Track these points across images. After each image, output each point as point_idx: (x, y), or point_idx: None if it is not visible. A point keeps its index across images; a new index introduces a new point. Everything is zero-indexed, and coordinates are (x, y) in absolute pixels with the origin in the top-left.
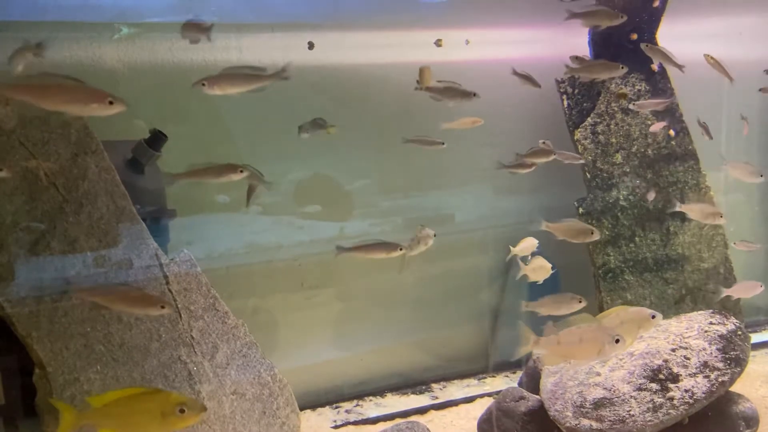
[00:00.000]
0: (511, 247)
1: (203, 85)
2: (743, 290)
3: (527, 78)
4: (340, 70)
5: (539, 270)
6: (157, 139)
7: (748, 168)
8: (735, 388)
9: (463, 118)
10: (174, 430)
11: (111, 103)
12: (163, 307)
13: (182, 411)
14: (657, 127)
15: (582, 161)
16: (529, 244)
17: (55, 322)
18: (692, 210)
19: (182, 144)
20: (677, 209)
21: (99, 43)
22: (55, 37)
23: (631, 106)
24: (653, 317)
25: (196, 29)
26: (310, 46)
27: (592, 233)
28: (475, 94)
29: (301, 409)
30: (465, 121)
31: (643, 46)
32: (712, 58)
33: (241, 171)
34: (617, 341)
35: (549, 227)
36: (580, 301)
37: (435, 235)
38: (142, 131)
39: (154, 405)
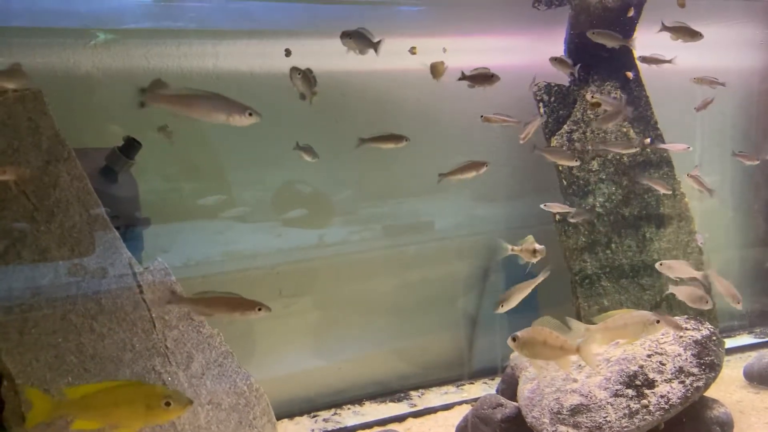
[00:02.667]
0: (513, 247)
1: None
2: (687, 296)
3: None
4: (318, 76)
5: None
6: (130, 147)
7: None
8: (710, 393)
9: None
10: (157, 424)
11: (250, 114)
12: (260, 309)
13: (168, 404)
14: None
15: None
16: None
17: (25, 334)
18: (681, 292)
19: (158, 151)
20: (667, 292)
21: (74, 49)
22: (29, 42)
23: (588, 97)
24: (657, 322)
25: (366, 42)
26: (287, 53)
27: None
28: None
29: (278, 418)
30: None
31: (589, 33)
32: (697, 79)
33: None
34: (658, 322)
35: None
36: None
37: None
38: (117, 138)
39: (139, 397)
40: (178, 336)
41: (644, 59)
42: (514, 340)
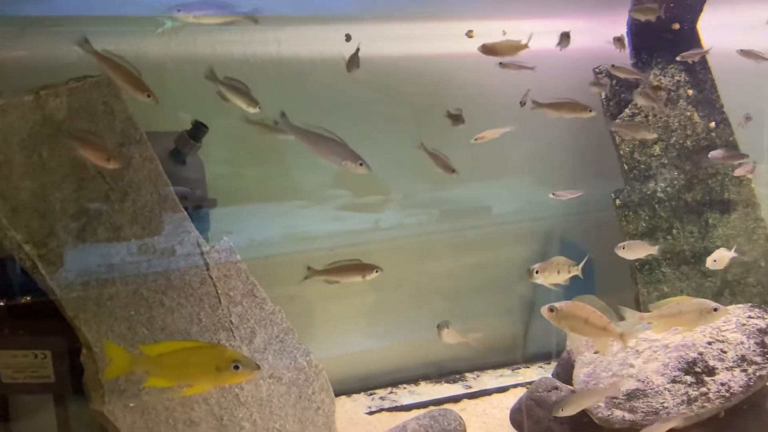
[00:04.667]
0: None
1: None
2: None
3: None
4: (377, 61)
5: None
6: (198, 131)
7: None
8: None
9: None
10: (225, 385)
11: (361, 164)
12: (376, 271)
13: (236, 367)
14: (744, 170)
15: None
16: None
17: (101, 306)
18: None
19: (222, 135)
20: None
21: (143, 36)
22: (103, 30)
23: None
24: (715, 310)
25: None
26: (348, 38)
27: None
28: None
29: (336, 395)
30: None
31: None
32: (742, 51)
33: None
34: (715, 310)
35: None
36: None
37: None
38: (185, 123)
39: (210, 359)
40: (242, 312)
41: (744, 53)
42: (551, 310)
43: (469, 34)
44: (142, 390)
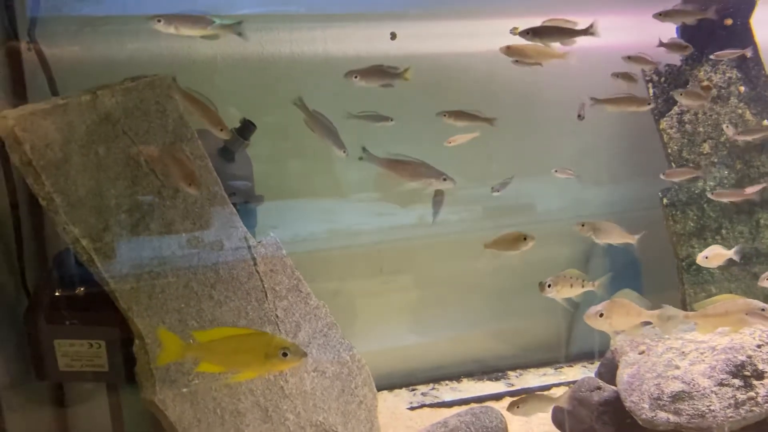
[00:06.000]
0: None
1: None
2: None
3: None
4: (423, 59)
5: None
6: (246, 129)
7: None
8: None
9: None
10: (274, 372)
11: (445, 180)
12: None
13: (285, 354)
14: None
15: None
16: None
17: (153, 298)
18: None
19: (270, 134)
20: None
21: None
22: (154, 29)
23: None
24: (763, 310)
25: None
26: (393, 36)
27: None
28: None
29: (378, 390)
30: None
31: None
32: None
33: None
34: (763, 310)
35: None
36: None
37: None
38: (234, 120)
39: (259, 346)
40: (287, 306)
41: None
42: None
43: (513, 31)
44: (192, 379)
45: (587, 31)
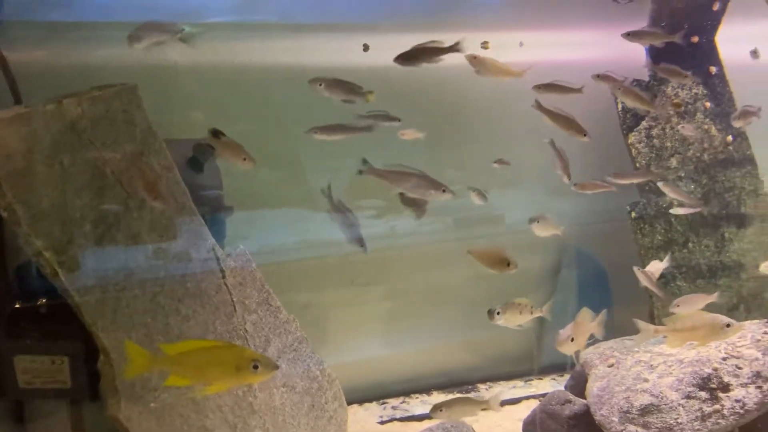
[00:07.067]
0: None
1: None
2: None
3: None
4: (394, 71)
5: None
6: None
7: None
8: None
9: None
10: (244, 384)
11: (444, 191)
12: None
13: (256, 367)
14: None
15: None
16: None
17: (119, 312)
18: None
19: (241, 142)
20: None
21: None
22: (122, 36)
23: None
24: (728, 326)
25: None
26: (365, 48)
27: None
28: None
29: (349, 404)
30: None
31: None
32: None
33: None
34: (728, 326)
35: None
36: None
37: None
38: (202, 128)
39: (229, 358)
40: (256, 320)
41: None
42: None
43: (484, 45)
44: (159, 395)
45: (453, 48)
